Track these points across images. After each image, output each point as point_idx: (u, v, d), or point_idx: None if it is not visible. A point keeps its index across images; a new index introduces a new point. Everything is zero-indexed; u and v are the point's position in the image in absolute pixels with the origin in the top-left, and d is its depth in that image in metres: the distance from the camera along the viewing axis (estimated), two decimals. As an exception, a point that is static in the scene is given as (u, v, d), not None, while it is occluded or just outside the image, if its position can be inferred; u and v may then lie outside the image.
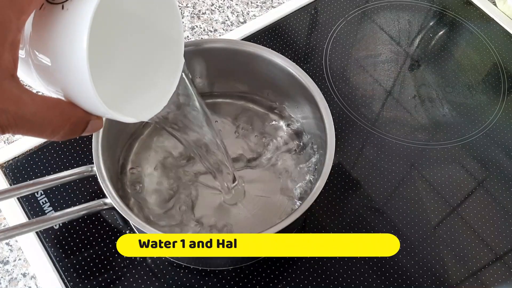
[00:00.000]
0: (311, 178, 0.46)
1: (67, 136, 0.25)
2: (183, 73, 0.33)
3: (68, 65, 0.23)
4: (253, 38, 0.59)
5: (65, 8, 0.23)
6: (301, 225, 0.47)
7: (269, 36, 0.60)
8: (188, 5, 0.64)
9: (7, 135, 0.52)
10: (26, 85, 0.26)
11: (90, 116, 0.26)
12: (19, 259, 0.46)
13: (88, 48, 0.22)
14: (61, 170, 0.47)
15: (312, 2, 0.63)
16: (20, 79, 0.23)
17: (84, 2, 0.23)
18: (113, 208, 0.38)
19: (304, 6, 0.63)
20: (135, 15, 0.30)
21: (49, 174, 0.45)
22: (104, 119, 0.28)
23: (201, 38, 0.61)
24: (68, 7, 0.23)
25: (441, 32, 0.63)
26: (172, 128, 0.36)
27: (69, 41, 0.23)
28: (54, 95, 0.25)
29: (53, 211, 0.46)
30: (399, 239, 0.47)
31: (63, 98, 0.25)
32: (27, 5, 0.22)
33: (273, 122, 0.50)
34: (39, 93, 0.24)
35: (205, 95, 0.51)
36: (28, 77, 0.26)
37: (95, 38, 0.24)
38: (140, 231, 0.44)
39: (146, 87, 0.32)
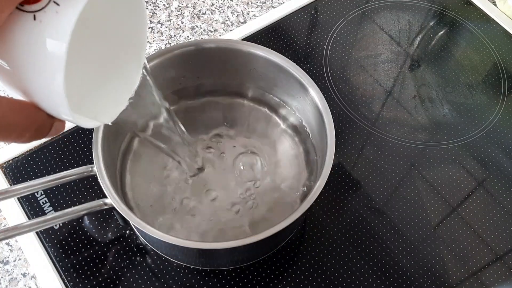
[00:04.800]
0: (310, 177, 0.46)
1: (31, 139, 0.25)
2: (148, 78, 0.33)
3: (40, 78, 0.23)
4: (253, 38, 0.59)
5: (38, 20, 0.23)
6: (301, 225, 0.47)
7: (269, 36, 0.60)
8: (188, 5, 0.64)
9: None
10: None
11: (53, 119, 0.26)
12: (19, 259, 0.46)
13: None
14: (61, 170, 0.47)
15: (312, 2, 0.63)
16: None
17: (60, 18, 0.23)
18: (113, 208, 0.38)
19: (304, 6, 0.63)
20: (103, 19, 0.30)
21: (49, 174, 0.45)
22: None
23: (201, 38, 0.61)
24: (42, 19, 0.23)
25: (441, 32, 0.63)
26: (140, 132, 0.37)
27: (44, 57, 0.23)
28: (14, 95, 0.25)
29: (53, 211, 0.46)
30: (399, 239, 0.47)
31: (23, 99, 0.25)
32: None
33: (273, 122, 0.50)
34: (4, 96, 0.24)
35: (204, 95, 0.51)
36: None
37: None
38: (140, 231, 0.44)
39: (107, 90, 0.32)
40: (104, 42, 0.31)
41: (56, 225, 0.45)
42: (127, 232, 0.46)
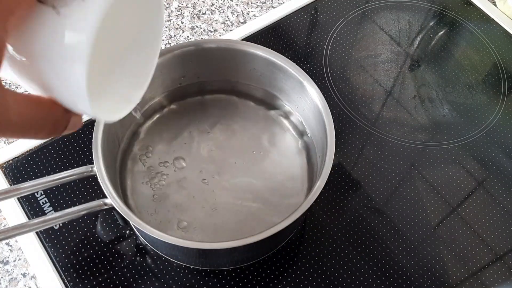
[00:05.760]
0: (310, 177, 0.46)
1: (49, 135, 0.25)
2: None
3: (60, 72, 0.23)
4: (253, 38, 0.59)
5: (62, 14, 0.22)
6: (301, 225, 0.47)
7: (269, 36, 0.60)
8: (188, 5, 0.64)
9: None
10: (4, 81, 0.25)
11: (70, 114, 0.25)
12: (19, 259, 0.46)
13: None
14: (61, 170, 0.47)
15: (312, 2, 0.63)
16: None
17: (85, 9, 0.22)
18: (113, 208, 0.38)
19: (304, 6, 0.63)
20: (125, 14, 0.31)
21: (49, 174, 0.45)
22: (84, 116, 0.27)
23: (201, 38, 0.61)
24: (63, 11, 0.22)
25: (441, 32, 0.63)
26: None
27: (64, 50, 0.22)
28: (31, 91, 0.25)
29: (53, 211, 0.46)
30: (399, 239, 0.47)
31: (39, 93, 0.25)
32: (14, 6, 0.21)
33: (273, 122, 0.50)
34: (21, 92, 0.24)
35: (204, 94, 0.51)
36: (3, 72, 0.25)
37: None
38: (140, 231, 0.44)
39: (122, 85, 0.32)
40: (123, 37, 0.31)
41: (56, 225, 0.45)
42: (127, 232, 0.46)
